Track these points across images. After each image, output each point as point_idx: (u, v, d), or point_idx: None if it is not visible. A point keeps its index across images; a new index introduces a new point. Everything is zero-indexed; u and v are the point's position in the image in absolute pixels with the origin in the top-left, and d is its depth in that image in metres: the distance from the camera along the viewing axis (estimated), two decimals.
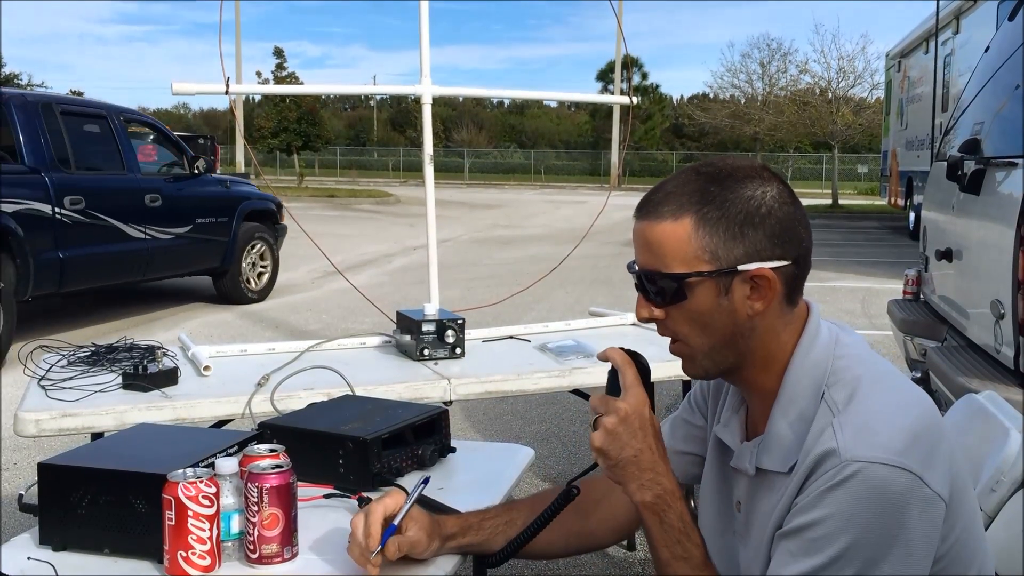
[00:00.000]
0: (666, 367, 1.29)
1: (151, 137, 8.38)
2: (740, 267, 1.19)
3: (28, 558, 1.42)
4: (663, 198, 1.22)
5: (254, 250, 8.97)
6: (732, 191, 1.19)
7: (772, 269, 1.19)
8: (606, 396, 1.26)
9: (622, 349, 1.29)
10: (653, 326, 1.30)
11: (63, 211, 6.64)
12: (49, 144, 6.73)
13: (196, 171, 8.26)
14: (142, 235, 7.46)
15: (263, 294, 9.06)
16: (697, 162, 1.26)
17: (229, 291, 8.76)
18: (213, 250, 8.40)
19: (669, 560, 1.23)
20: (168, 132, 8.57)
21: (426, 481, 1.48)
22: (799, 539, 1.12)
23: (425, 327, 2.80)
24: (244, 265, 8.81)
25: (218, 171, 10.78)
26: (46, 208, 6.50)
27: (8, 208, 6.19)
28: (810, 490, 1.13)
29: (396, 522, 1.38)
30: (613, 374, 1.28)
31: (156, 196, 7.69)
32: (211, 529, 1.35)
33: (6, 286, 6.14)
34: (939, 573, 1.15)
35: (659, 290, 1.22)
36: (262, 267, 9.11)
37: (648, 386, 1.28)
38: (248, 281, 8.91)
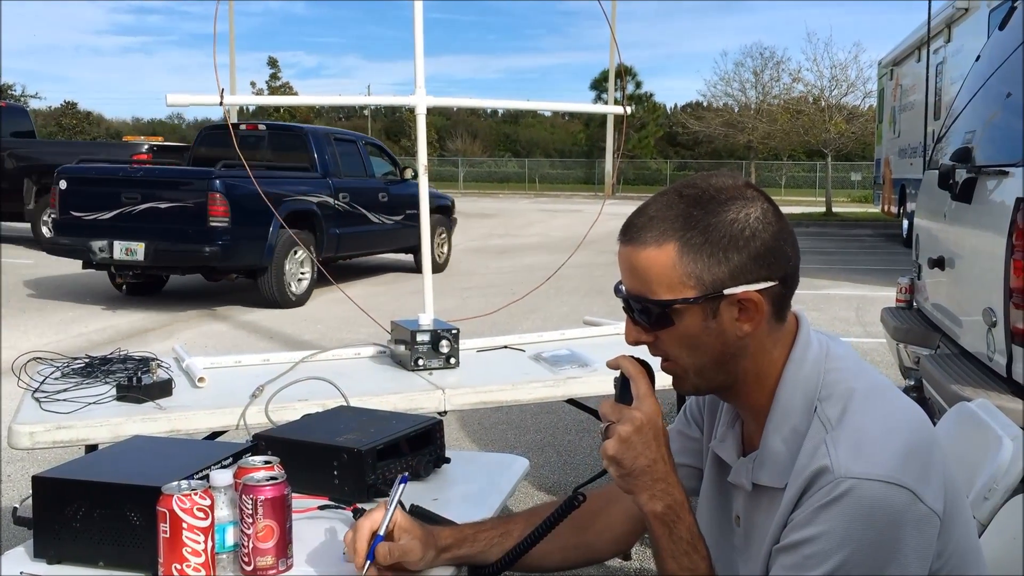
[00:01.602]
0: (662, 377, 1.29)
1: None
2: (726, 291, 1.18)
3: (22, 572, 1.41)
4: (646, 223, 1.21)
5: (439, 234, 12.24)
6: (715, 215, 1.18)
7: (759, 291, 1.19)
8: (618, 404, 1.25)
9: (633, 358, 1.28)
10: None
11: (338, 203, 9.96)
12: (329, 159, 10.24)
13: (404, 178, 11.61)
14: (378, 221, 10.82)
15: (443, 266, 12.48)
16: (679, 182, 1.25)
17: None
18: (415, 233, 11.49)
19: (676, 572, 1.22)
20: (388, 150, 12.45)
21: (404, 480, 1.45)
22: (794, 554, 1.13)
23: (420, 337, 2.80)
24: (434, 245, 11.98)
25: None
26: (330, 200, 9.82)
27: (313, 199, 9.55)
28: (805, 506, 1.13)
29: (381, 532, 1.38)
30: (624, 382, 1.27)
31: (384, 194, 11.01)
32: (206, 542, 1.35)
33: (313, 250, 9.35)
34: None
35: (647, 315, 1.22)
36: (442, 246, 12.55)
37: None
38: (437, 256, 12.14)
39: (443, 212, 12.48)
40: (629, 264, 1.23)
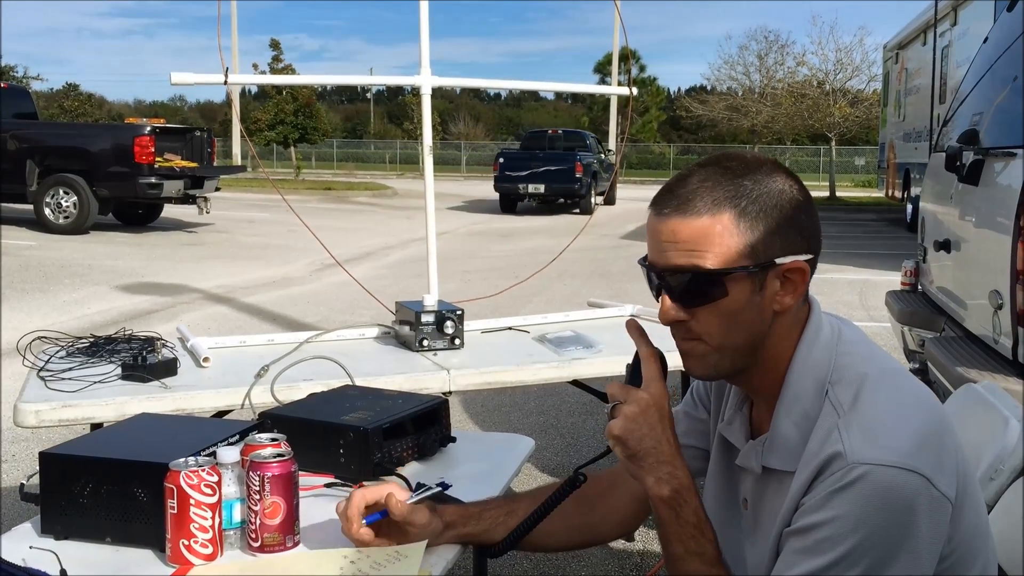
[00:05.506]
0: (669, 359, 1.28)
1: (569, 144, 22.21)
2: (777, 260, 1.18)
3: (30, 547, 1.42)
4: (694, 192, 1.18)
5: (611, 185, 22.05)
6: (764, 185, 1.19)
7: (805, 261, 1.20)
8: (626, 385, 1.25)
9: (647, 338, 1.28)
10: (655, 318, 1.28)
11: (594, 166, 20.39)
12: (591, 144, 22.52)
13: (604, 156, 22.37)
14: (601, 176, 20.59)
15: (613, 202, 22.19)
16: (712, 155, 1.24)
17: (608, 203, 21.72)
18: (606, 183, 20.95)
19: (683, 555, 1.22)
20: (597, 138, 24.53)
21: (443, 487, 1.48)
22: (806, 538, 1.12)
23: (424, 318, 2.80)
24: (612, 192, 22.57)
25: (215, 163, 14.91)
26: (594, 164, 20.58)
27: (594, 164, 21.06)
28: (817, 491, 1.12)
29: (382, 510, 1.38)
30: (635, 364, 1.27)
31: (600, 162, 21.18)
32: (213, 518, 1.36)
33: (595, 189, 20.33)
34: (944, 571, 1.15)
35: (694, 289, 1.19)
36: (610, 190, 21.97)
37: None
38: (612, 200, 22.25)
39: (612, 171, 22.17)
40: (675, 235, 1.18)
